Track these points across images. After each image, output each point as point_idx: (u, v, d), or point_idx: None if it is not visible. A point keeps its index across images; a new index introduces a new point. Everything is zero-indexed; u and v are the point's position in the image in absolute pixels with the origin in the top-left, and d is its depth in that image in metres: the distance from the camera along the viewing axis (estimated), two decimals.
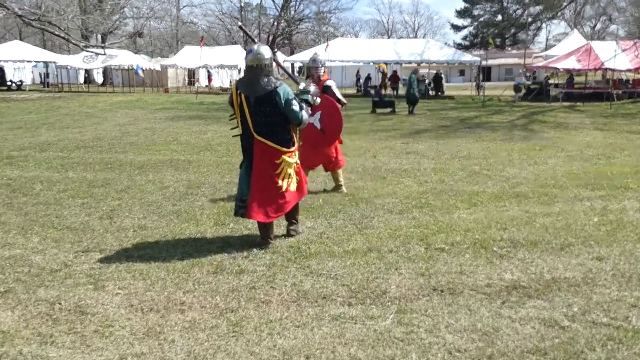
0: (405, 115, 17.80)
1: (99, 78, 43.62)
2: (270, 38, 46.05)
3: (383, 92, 30.75)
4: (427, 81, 29.71)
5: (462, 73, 49.33)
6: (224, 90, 34.19)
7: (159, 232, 5.03)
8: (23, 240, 4.75)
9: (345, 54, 28.78)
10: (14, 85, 36.07)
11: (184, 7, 59.38)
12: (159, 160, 9.05)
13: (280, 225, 5.04)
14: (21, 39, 47.01)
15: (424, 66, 33.46)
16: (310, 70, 6.56)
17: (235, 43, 48.53)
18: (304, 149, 5.80)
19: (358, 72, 35.84)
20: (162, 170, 8.10)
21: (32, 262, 4.22)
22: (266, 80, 4.39)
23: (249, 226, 5.13)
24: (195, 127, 14.48)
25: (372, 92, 21.09)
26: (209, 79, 38.36)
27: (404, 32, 78.71)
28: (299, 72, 44.65)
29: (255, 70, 4.39)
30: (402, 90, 32.20)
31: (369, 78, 32.35)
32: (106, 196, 6.46)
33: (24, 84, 36.69)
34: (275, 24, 48.44)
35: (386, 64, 31.05)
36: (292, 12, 49.89)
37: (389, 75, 31.59)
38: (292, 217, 4.90)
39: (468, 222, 5.26)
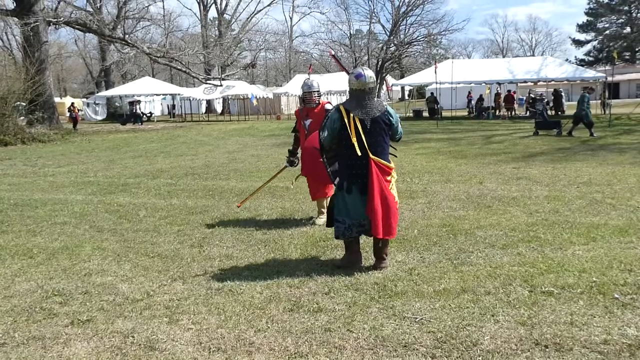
0: (555, 135, 16.62)
1: (218, 107, 46.56)
2: (379, 62, 46.09)
3: (497, 112, 29.34)
4: (545, 100, 27.82)
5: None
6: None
7: (244, 262, 4.93)
8: (116, 267, 4.87)
9: (456, 75, 27.89)
10: (144, 116, 39.47)
11: (296, 37, 61.73)
12: (257, 187, 9.11)
13: (367, 258, 4.72)
14: (153, 76, 51.67)
15: (540, 85, 31.47)
16: (306, 96, 6.37)
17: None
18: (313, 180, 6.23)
19: (469, 93, 34.59)
20: (259, 197, 8.13)
21: (118, 290, 4.28)
22: (376, 101, 4.60)
23: (335, 255, 4.86)
24: None
25: (538, 109, 19.87)
26: None
27: (519, 50, 75.30)
28: (408, 96, 44.16)
29: (367, 93, 4.54)
30: (518, 111, 30.49)
31: (480, 99, 31.03)
32: (201, 223, 6.55)
33: (153, 115, 39.98)
34: (384, 48, 48.47)
35: (499, 83, 29.60)
36: (402, 36, 49.63)
37: (502, 96, 30.06)
38: (382, 252, 4.61)
39: (584, 260, 4.55)
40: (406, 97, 49.57)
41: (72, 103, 34.23)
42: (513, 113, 29.36)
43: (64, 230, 6.39)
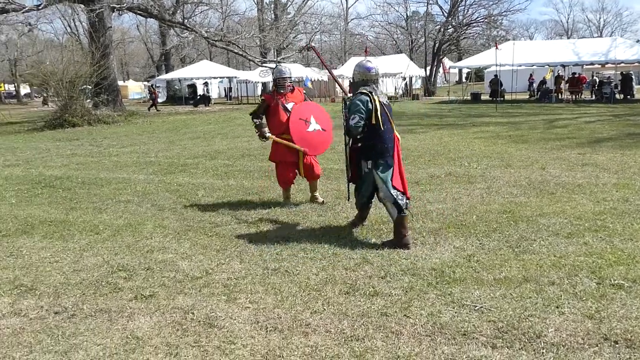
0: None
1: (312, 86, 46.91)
2: (436, 44, 44.95)
3: (559, 96, 28.07)
4: (613, 83, 26.38)
5: None
6: (388, 99, 34.17)
7: (300, 243, 4.95)
8: (176, 245, 5.01)
9: (517, 57, 26.79)
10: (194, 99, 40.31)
11: (352, 19, 61.06)
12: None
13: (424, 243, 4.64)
14: (210, 59, 52.63)
15: (609, 67, 29.81)
16: (279, 82, 6.42)
17: (401, 52, 48.46)
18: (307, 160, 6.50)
19: (531, 75, 33.21)
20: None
21: (178, 267, 4.40)
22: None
23: (391, 237, 4.81)
24: None
25: (606, 93, 18.78)
26: None
27: (586, 31, 71.48)
28: (466, 78, 42.94)
29: (377, 82, 5.10)
30: (585, 95, 29.06)
31: (543, 82, 29.73)
32: (258, 204, 6.63)
33: (211, 98, 40.77)
34: (442, 29, 47.19)
35: (563, 65, 28.24)
36: (460, 17, 48.11)
37: (565, 78, 28.69)
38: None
39: None
40: (463, 80, 48.24)
41: (152, 85, 35.40)
42: (579, 96, 27.99)
43: (128, 208, 6.63)
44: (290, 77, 6.55)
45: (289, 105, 6.38)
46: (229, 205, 6.59)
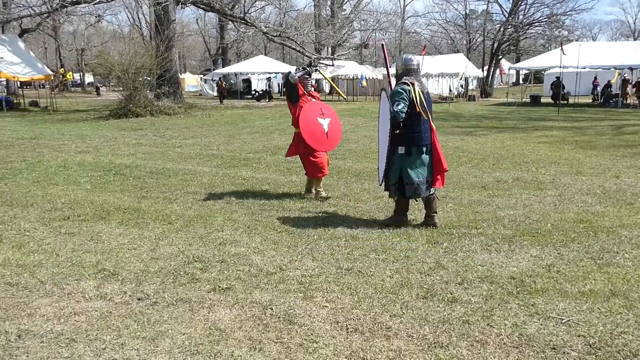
0: None
1: (326, 87, 47.01)
2: (495, 45, 43.78)
3: (625, 100, 26.80)
4: None
5: None
6: (442, 99, 33.71)
7: (370, 243, 4.92)
8: (247, 239, 5.08)
9: (581, 59, 25.72)
10: (257, 94, 40.85)
11: (408, 17, 60.34)
12: (374, 168, 9.08)
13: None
14: (265, 54, 53.29)
15: None
16: (305, 80, 6.71)
17: (458, 51, 47.52)
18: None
19: (595, 78, 31.86)
20: (377, 179, 8.08)
21: (252, 261, 4.45)
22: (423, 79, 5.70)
23: (465, 247, 4.71)
24: None
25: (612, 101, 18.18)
26: None
27: None
28: (524, 80, 41.63)
29: (418, 72, 5.44)
30: None
31: (608, 85, 28.44)
32: (323, 202, 6.63)
33: (272, 92, 41.28)
34: (502, 29, 45.91)
35: (631, 68, 26.92)
36: (521, 17, 46.65)
37: (632, 82, 27.33)
38: (435, 206, 5.52)
39: None
40: (521, 82, 46.81)
41: (220, 77, 36.15)
42: None
43: (196, 199, 6.77)
44: (313, 79, 6.92)
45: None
46: (294, 202, 6.62)
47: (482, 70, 43.13)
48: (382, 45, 6.73)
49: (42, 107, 25.93)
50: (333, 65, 30.02)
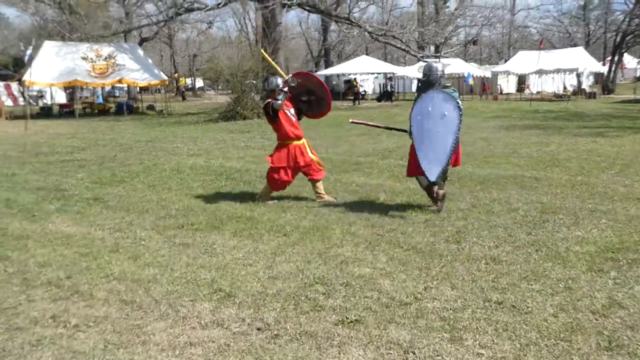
0: None
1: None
2: (618, 37, 39.80)
3: None
4: None
5: None
6: (558, 97, 31.19)
7: (516, 268, 4.15)
8: (371, 258, 4.51)
9: None
10: (358, 94, 40.47)
11: (519, 10, 56.88)
12: (500, 175, 8.17)
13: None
14: (367, 54, 52.78)
15: None
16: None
17: (575, 45, 43.90)
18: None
19: None
20: (506, 187, 7.20)
21: (380, 286, 3.88)
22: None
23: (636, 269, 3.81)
24: (534, 137, 13.09)
25: None
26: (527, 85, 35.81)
27: None
28: None
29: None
30: None
31: None
32: (449, 213, 5.92)
33: (367, 93, 40.77)
34: (626, 19, 41.66)
35: None
36: None
37: None
38: None
39: None
40: None
41: (354, 79, 36.28)
42: None
43: (310, 208, 6.33)
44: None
45: (291, 111, 6.64)
46: (416, 212, 5.97)
47: (603, 65, 39.49)
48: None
49: (158, 110, 27.32)
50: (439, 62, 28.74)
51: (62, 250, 4.83)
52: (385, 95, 33.73)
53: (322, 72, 42.80)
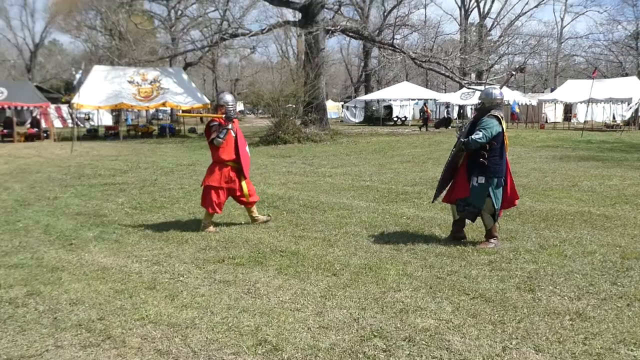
0: None
1: (470, 114, 44.69)
2: None
3: None
4: None
5: None
6: (608, 127, 29.90)
7: (608, 328, 3.55)
8: (434, 306, 3.98)
9: None
10: (399, 120, 40.00)
11: (567, 38, 55.52)
12: (564, 210, 7.50)
13: None
14: (407, 79, 52.39)
15: None
16: (229, 108, 6.46)
17: (627, 74, 42.39)
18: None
19: None
20: (574, 226, 6.55)
21: (449, 344, 3.34)
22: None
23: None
24: (592, 169, 12.27)
25: None
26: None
27: None
28: None
29: (502, 107, 5.79)
30: None
31: None
32: (516, 255, 5.33)
33: (407, 119, 40.25)
34: None
35: None
36: None
37: None
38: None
39: None
40: None
41: (425, 104, 36.04)
42: None
43: (360, 243, 5.86)
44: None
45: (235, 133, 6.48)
46: (479, 253, 5.40)
47: None
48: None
49: (199, 133, 27.49)
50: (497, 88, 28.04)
51: (96, 285, 4.49)
52: (444, 121, 32.89)
53: (362, 98, 42.64)
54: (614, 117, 34.30)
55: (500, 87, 6.02)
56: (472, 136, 5.43)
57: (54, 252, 5.56)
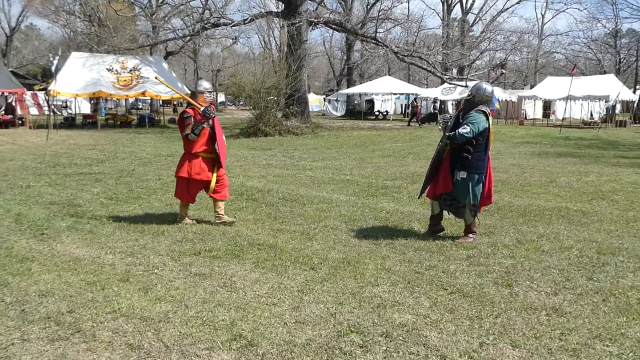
0: None
1: (452, 109, 44.99)
2: None
3: None
4: None
5: None
6: (586, 124, 30.33)
7: (584, 323, 3.56)
8: (411, 301, 3.96)
9: None
10: (380, 114, 40.03)
11: (546, 36, 56.13)
12: (542, 206, 7.56)
13: None
14: (389, 74, 52.45)
15: None
16: (207, 95, 6.33)
17: (604, 72, 43.07)
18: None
19: None
20: (552, 221, 6.60)
21: (427, 339, 3.32)
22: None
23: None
24: (570, 166, 12.42)
25: None
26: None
27: None
28: None
29: (490, 103, 5.67)
30: None
31: None
32: (493, 249, 5.35)
33: (389, 114, 40.32)
34: None
35: None
36: None
37: None
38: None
39: None
40: None
41: (415, 99, 35.85)
42: None
43: (338, 237, 5.81)
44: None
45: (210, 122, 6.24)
46: (456, 247, 5.40)
47: (634, 92, 38.57)
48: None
49: None
50: (467, 86, 28.18)
51: (67, 276, 4.36)
52: (430, 117, 32.10)
53: (344, 91, 42.58)
54: (591, 115, 34.86)
55: (491, 84, 6.05)
56: (459, 130, 5.37)
57: (24, 242, 5.41)
